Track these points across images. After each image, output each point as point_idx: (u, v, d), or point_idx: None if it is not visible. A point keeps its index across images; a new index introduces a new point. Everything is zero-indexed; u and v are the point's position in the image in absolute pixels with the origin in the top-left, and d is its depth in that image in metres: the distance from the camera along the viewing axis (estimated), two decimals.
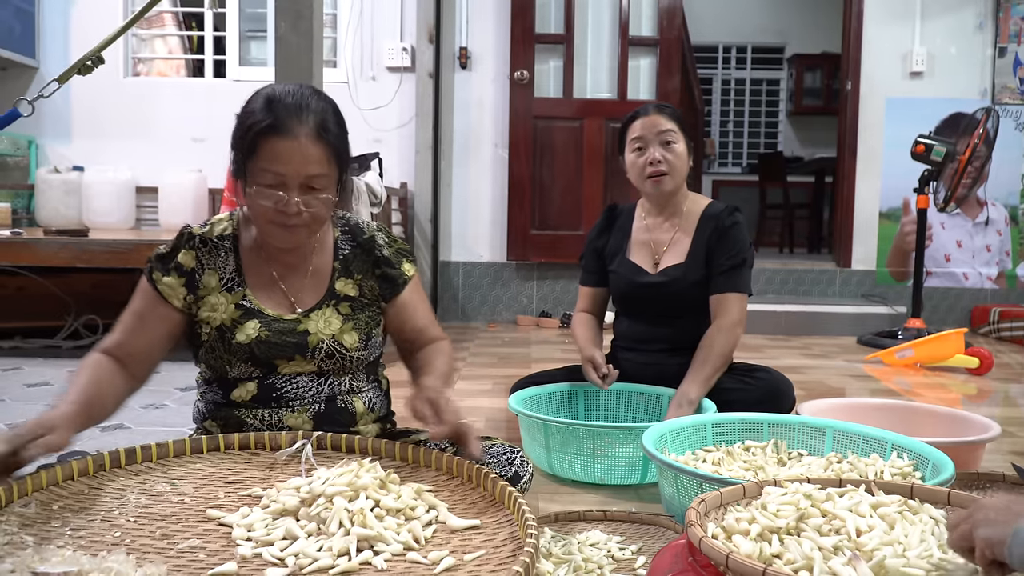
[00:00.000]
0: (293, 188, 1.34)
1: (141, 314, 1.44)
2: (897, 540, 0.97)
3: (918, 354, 3.65)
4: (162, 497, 1.16)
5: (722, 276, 2.15)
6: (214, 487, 1.21)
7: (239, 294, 1.47)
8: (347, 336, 1.48)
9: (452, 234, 5.18)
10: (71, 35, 5.11)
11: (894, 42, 5.10)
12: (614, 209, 2.39)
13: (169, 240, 1.49)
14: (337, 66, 5.07)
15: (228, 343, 1.43)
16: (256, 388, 1.46)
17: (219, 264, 1.47)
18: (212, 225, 1.50)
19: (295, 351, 1.45)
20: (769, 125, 9.34)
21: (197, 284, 1.46)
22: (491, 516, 1.14)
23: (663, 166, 2.15)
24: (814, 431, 1.77)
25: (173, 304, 1.44)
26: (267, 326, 1.44)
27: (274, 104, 1.35)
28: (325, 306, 1.49)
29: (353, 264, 1.53)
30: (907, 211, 5.12)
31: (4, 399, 2.73)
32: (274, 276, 1.49)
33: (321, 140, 1.35)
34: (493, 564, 1.00)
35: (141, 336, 1.43)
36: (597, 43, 5.03)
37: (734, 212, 2.20)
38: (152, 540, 1.03)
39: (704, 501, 1.07)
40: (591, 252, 2.36)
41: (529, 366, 3.46)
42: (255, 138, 1.34)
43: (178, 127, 5.09)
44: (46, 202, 4.79)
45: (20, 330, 3.84)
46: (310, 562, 0.97)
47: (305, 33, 2.07)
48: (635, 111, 2.23)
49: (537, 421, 1.91)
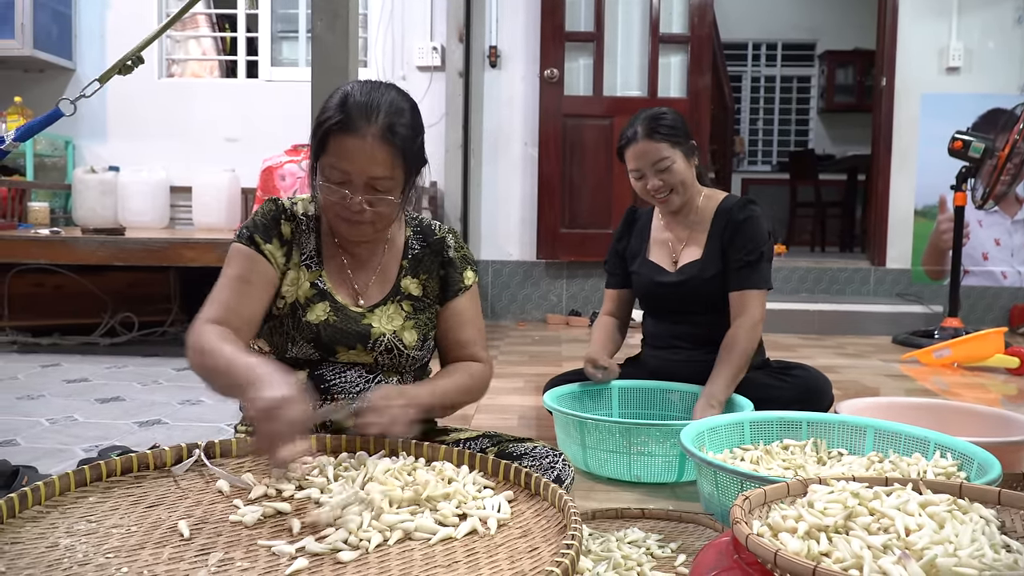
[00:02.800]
0: (358, 186, 1.36)
1: (246, 278, 1.42)
2: (947, 539, 0.95)
3: (956, 354, 3.59)
4: (103, 533, 1.04)
5: (739, 272, 2.12)
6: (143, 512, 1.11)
7: (316, 273, 1.49)
8: (407, 334, 1.50)
9: (482, 233, 5.18)
10: (107, 37, 5.18)
11: (930, 37, 5.03)
12: (634, 212, 2.40)
13: (260, 211, 1.48)
14: (368, 66, 5.10)
15: (298, 320, 1.45)
16: (306, 378, 1.47)
17: (303, 240, 1.49)
18: (297, 203, 1.52)
19: (357, 340, 1.46)
20: (800, 123, 9.25)
21: (291, 254, 1.48)
22: (532, 509, 1.15)
23: (663, 189, 2.15)
24: (854, 430, 1.74)
25: (274, 266, 1.45)
26: (336, 311, 1.47)
27: (348, 100, 1.36)
28: (390, 302, 1.51)
29: (421, 264, 1.55)
30: (943, 209, 5.04)
31: (44, 395, 2.78)
32: (344, 265, 1.51)
33: (388, 142, 1.35)
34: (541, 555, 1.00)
35: (248, 299, 1.41)
36: (627, 41, 5.01)
37: (747, 205, 2.17)
38: (152, 566, 0.96)
39: (748, 499, 1.05)
40: (613, 255, 2.38)
41: (560, 364, 3.45)
42: (326, 134, 1.36)
43: (211, 127, 5.14)
44: (83, 202, 4.87)
45: (58, 327, 3.91)
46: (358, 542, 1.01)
47: (341, 32, 2.09)
48: (626, 133, 2.17)
49: (573, 418, 1.91)
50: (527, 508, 1.17)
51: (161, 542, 1.01)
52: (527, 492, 1.21)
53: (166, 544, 1.01)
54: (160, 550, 0.99)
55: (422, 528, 1.06)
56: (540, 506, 1.17)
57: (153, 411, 2.54)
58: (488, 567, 1.00)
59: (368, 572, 0.97)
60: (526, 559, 1.02)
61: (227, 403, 2.66)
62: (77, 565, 0.94)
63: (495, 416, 2.50)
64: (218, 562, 0.96)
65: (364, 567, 0.98)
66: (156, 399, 2.70)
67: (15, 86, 5.07)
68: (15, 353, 3.57)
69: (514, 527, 1.11)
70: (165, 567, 0.95)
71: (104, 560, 0.96)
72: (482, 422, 2.40)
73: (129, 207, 4.89)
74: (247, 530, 1.06)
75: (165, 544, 1.01)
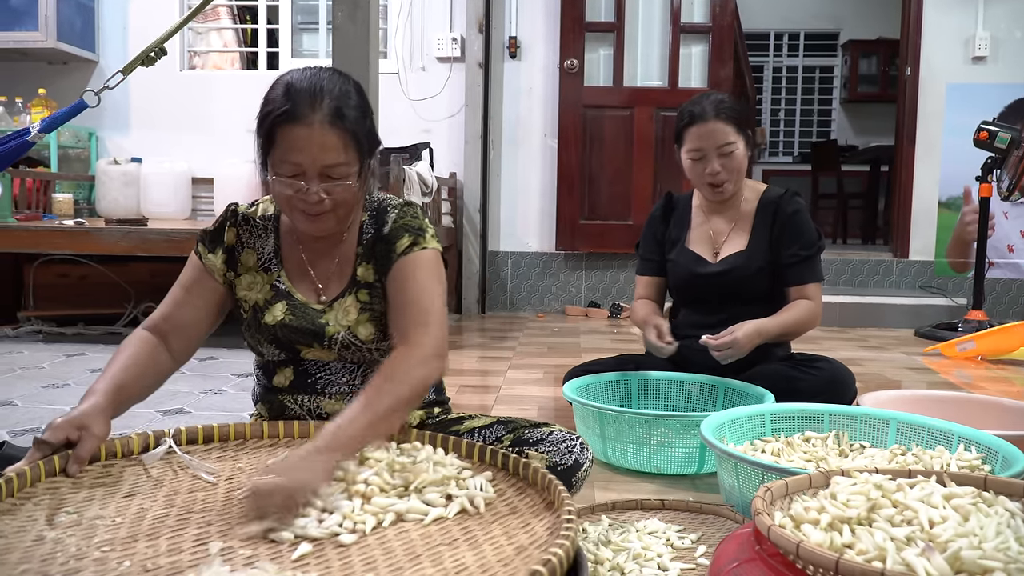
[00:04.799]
0: (312, 177, 1.32)
1: (188, 286, 1.46)
2: (972, 532, 0.94)
3: (980, 346, 3.55)
4: (88, 525, 1.02)
5: (797, 267, 2.12)
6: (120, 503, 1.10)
7: (274, 275, 1.47)
8: (362, 328, 1.43)
9: (501, 224, 5.18)
10: (129, 29, 5.22)
11: (956, 26, 4.96)
12: (672, 197, 2.34)
13: (217, 217, 1.51)
14: (387, 57, 5.10)
15: (259, 323, 1.45)
16: (292, 374, 1.47)
17: (259, 244, 1.48)
18: (258, 205, 1.52)
19: (313, 339, 1.43)
20: (822, 113, 9.16)
21: (236, 261, 1.48)
22: (513, 488, 1.19)
23: (723, 175, 2.11)
24: (877, 423, 1.73)
25: (216, 278, 1.46)
26: (293, 311, 1.44)
27: (291, 90, 1.32)
28: (347, 294, 1.45)
29: (374, 248, 1.45)
30: (968, 200, 4.98)
31: (69, 383, 2.81)
32: (304, 261, 1.48)
33: (337, 126, 1.31)
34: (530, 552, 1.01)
35: (188, 308, 1.44)
36: (648, 31, 4.98)
37: (794, 197, 2.16)
38: (151, 558, 0.95)
39: (770, 490, 1.05)
40: (650, 239, 2.32)
41: (579, 356, 3.45)
42: (272, 127, 1.32)
43: (232, 119, 5.16)
44: (106, 193, 4.91)
45: (83, 317, 3.96)
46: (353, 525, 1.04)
47: (362, 22, 2.09)
48: (692, 111, 2.11)
49: (592, 409, 1.90)
50: (507, 487, 1.20)
51: (153, 533, 1.01)
52: (504, 472, 1.24)
53: (158, 535, 1.00)
54: (155, 541, 0.98)
55: (414, 510, 1.08)
56: (520, 485, 1.20)
57: (176, 400, 2.57)
58: (488, 543, 1.02)
59: (372, 554, 0.98)
60: (521, 534, 1.05)
61: (246, 393, 2.69)
62: (73, 560, 0.92)
63: (514, 407, 2.51)
64: (219, 551, 0.96)
65: (367, 549, 0.99)
66: (179, 388, 2.72)
67: (39, 78, 5.12)
68: (40, 342, 3.62)
69: (501, 505, 1.14)
70: (167, 558, 0.94)
71: (100, 554, 0.94)
72: (500, 413, 2.41)
73: (151, 198, 4.93)
74: (238, 519, 1.06)
75: (157, 535, 1.00)
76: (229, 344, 3.27)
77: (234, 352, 3.34)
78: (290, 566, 0.93)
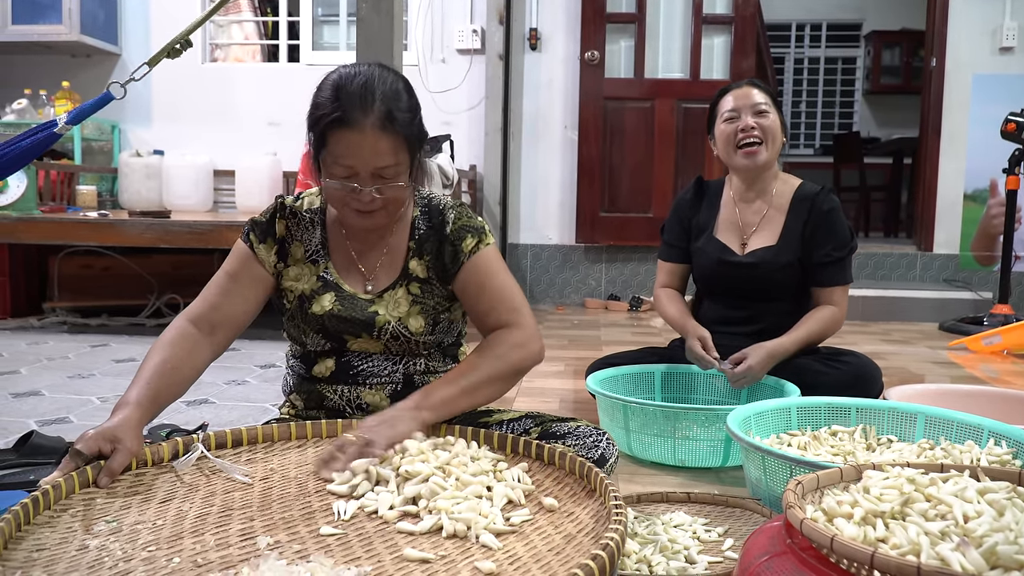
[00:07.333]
0: (365, 179, 1.34)
1: (236, 275, 1.47)
2: (1008, 527, 0.93)
3: (1007, 341, 3.51)
4: (129, 531, 1.02)
5: (829, 268, 2.09)
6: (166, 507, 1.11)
7: (321, 266, 1.49)
8: (412, 320, 1.46)
9: (521, 216, 5.17)
10: (151, 22, 5.25)
11: (982, 16, 4.89)
12: (702, 182, 2.30)
13: (266, 209, 1.53)
14: (408, 49, 5.10)
15: (306, 313, 1.46)
16: (335, 365, 1.49)
17: (306, 236, 1.50)
18: (304, 198, 1.53)
19: (362, 329, 1.45)
20: (844, 105, 9.06)
21: (286, 253, 1.49)
22: (551, 478, 1.19)
23: (756, 133, 2.10)
24: (905, 417, 1.71)
25: (266, 268, 1.48)
26: (341, 301, 1.46)
27: (341, 92, 1.33)
28: (398, 287, 1.48)
29: (426, 244, 1.49)
30: (994, 193, 4.91)
31: (94, 373, 2.84)
32: (351, 252, 1.50)
33: (388, 130, 1.32)
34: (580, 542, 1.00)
35: (235, 297, 1.45)
36: (669, 22, 4.95)
37: (830, 194, 2.13)
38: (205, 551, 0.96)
39: (801, 483, 1.04)
40: (676, 224, 2.28)
41: (600, 349, 3.44)
42: (324, 131, 1.34)
43: (254, 111, 5.19)
44: (128, 185, 4.95)
45: (106, 308, 3.99)
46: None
47: (386, 13, 2.08)
48: (726, 86, 2.20)
49: (616, 402, 1.90)
50: (544, 477, 1.20)
51: (197, 531, 1.01)
52: (539, 463, 1.25)
53: (203, 532, 1.00)
54: (200, 538, 0.99)
55: (472, 508, 1.07)
56: (556, 475, 1.21)
57: (200, 391, 2.59)
58: (535, 533, 1.03)
59: (423, 546, 0.98)
60: (567, 523, 1.05)
61: (273, 384, 2.70)
62: (121, 562, 0.92)
63: (536, 400, 2.50)
64: (267, 546, 0.97)
65: (415, 541, 0.99)
66: (203, 379, 2.70)
67: (63, 71, 5.17)
68: (65, 333, 3.65)
69: (541, 495, 1.14)
70: (216, 553, 0.95)
71: (147, 554, 0.94)
72: (521, 406, 2.41)
73: (173, 190, 4.96)
74: (279, 513, 1.07)
75: (202, 532, 1.00)
76: (252, 335, 3.28)
77: (257, 343, 3.36)
78: (341, 560, 0.94)
